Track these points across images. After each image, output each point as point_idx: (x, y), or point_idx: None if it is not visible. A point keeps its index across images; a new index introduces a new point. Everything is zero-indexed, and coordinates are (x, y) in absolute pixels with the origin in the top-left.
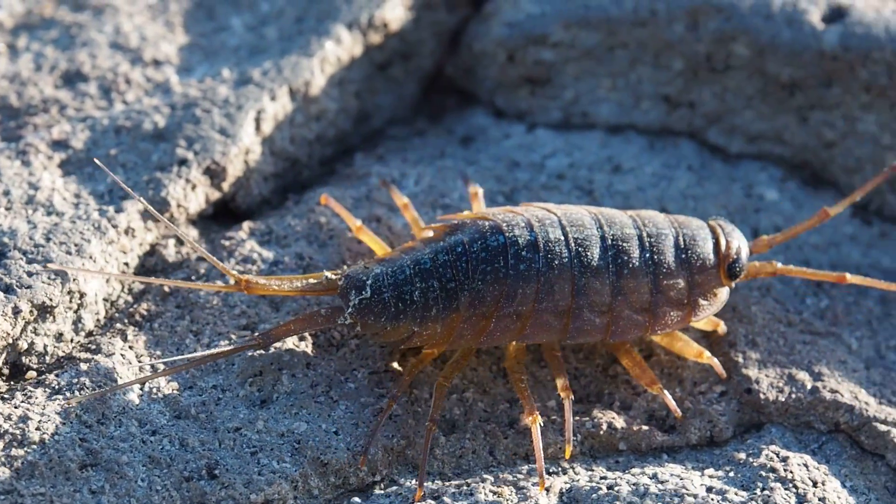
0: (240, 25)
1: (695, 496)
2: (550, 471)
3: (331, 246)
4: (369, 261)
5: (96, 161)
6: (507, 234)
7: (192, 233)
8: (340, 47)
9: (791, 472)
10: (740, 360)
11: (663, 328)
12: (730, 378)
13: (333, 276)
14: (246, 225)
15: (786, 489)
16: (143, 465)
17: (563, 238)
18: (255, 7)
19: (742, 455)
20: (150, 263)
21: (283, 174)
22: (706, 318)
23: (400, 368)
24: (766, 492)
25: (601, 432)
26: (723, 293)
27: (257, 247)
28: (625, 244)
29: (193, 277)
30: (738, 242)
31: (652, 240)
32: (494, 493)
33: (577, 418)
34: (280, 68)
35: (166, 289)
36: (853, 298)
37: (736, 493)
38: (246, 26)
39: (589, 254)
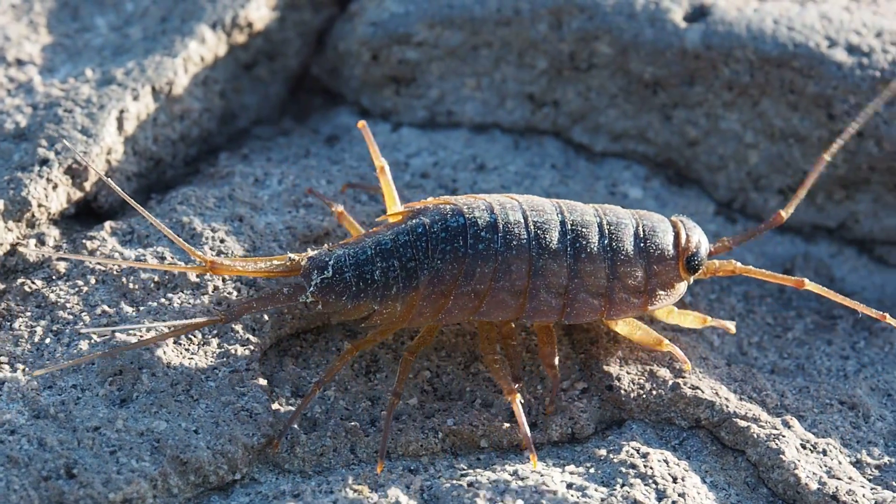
0: (104, 25)
1: (555, 493)
2: (411, 468)
3: (191, 245)
4: (333, 244)
5: (65, 142)
6: (467, 216)
7: (54, 232)
8: (204, 47)
9: (651, 468)
10: (602, 356)
11: (619, 314)
12: (591, 375)
13: (297, 258)
14: (108, 225)
15: (646, 485)
16: (1, 464)
17: (522, 221)
18: (120, 7)
19: (603, 451)
20: (11, 263)
21: (146, 174)
22: (662, 307)
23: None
24: (627, 488)
25: (463, 430)
26: (681, 286)
27: (119, 246)
28: (584, 229)
29: (54, 277)
30: (699, 238)
31: (611, 227)
32: (355, 490)
33: (437, 417)
34: (143, 68)
35: (27, 288)
36: (716, 295)
37: (596, 489)
38: (110, 26)
39: (548, 237)
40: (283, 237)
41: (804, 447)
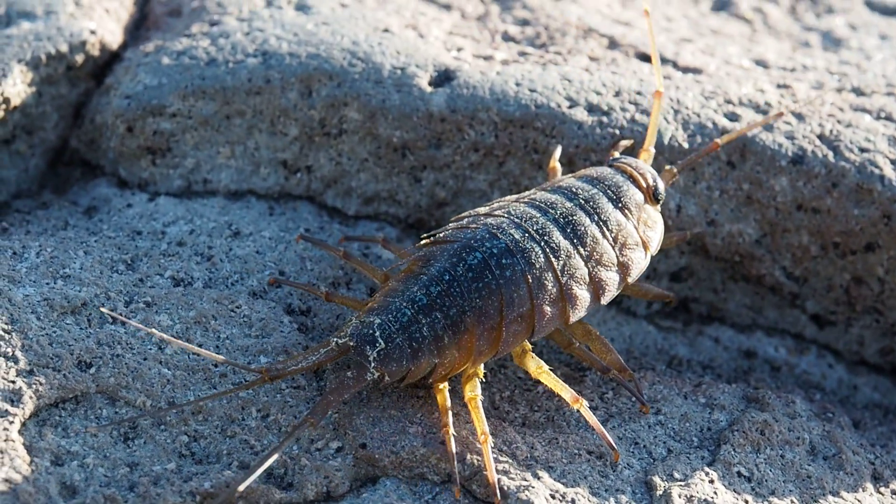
0: None
1: None
2: None
3: None
4: (357, 317)
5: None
6: (480, 250)
7: None
8: None
9: None
10: (354, 415)
11: (635, 272)
12: (345, 434)
13: (340, 340)
14: None
15: None
16: None
17: (525, 234)
18: None
19: None
20: None
21: None
22: (658, 247)
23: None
24: None
25: (220, 492)
26: (657, 217)
27: None
28: (574, 217)
29: None
30: (649, 171)
31: (590, 204)
32: None
33: (195, 480)
34: None
35: None
36: None
37: None
38: None
39: (553, 238)
40: (40, 309)
41: (553, 497)
